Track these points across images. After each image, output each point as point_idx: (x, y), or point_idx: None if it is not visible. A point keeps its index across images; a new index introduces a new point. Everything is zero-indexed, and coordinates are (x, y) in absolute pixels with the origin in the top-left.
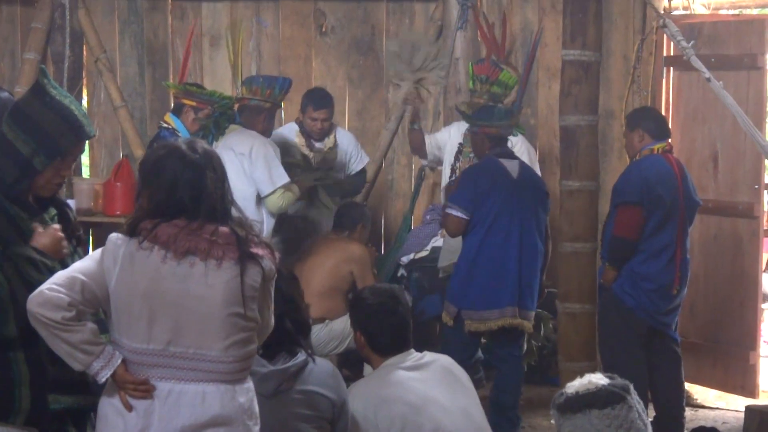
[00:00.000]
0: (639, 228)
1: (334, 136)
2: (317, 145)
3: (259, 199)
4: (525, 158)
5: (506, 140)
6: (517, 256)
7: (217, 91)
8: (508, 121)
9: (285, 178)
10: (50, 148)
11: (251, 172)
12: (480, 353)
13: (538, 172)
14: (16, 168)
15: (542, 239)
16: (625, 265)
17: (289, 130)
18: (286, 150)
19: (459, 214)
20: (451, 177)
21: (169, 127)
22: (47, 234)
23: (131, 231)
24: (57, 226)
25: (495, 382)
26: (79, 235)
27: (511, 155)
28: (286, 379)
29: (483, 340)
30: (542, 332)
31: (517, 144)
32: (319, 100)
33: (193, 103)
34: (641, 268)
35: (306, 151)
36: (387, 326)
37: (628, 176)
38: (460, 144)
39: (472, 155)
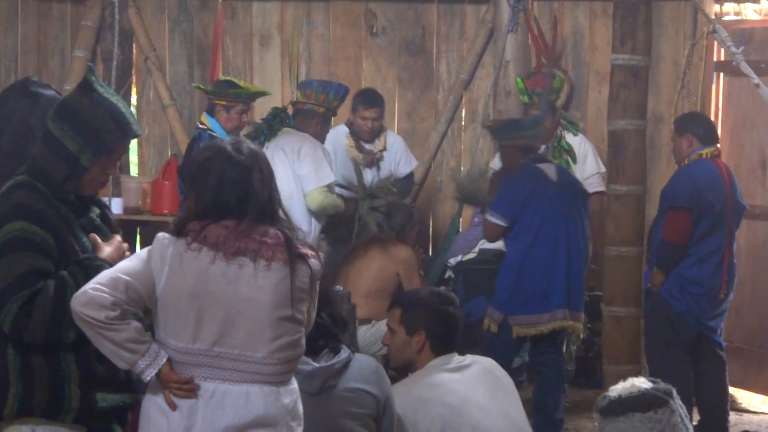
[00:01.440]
0: (688, 232)
1: (385, 139)
2: (367, 146)
3: None
4: (590, 156)
5: (536, 150)
6: (566, 259)
7: (246, 86)
8: (535, 130)
9: (330, 178)
10: (97, 145)
11: (298, 170)
12: (525, 356)
13: (602, 170)
14: (65, 165)
15: (587, 240)
16: (673, 269)
17: (339, 132)
18: (343, 173)
19: (497, 221)
20: None
21: (204, 127)
22: (111, 245)
23: (178, 231)
24: (119, 237)
25: (537, 385)
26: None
27: (546, 159)
28: (331, 376)
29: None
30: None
31: (580, 143)
32: (369, 99)
33: (224, 102)
34: (690, 273)
35: (355, 152)
36: (452, 329)
37: (677, 181)
38: None
39: None
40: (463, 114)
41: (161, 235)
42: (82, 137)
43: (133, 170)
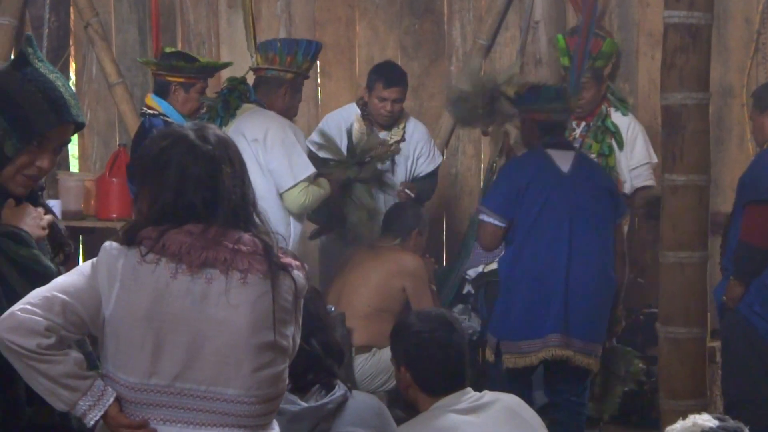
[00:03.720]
0: None
1: (404, 128)
2: (381, 135)
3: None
4: (640, 142)
5: (562, 128)
6: (565, 272)
7: (207, 59)
8: (561, 104)
9: (309, 169)
10: (24, 129)
11: (267, 163)
12: (544, 396)
13: (653, 159)
14: None
15: (606, 254)
16: (754, 279)
17: (349, 113)
18: (329, 142)
19: (491, 219)
20: None
21: (155, 112)
22: (19, 209)
23: (130, 240)
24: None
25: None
26: (69, 252)
27: (567, 145)
28: (322, 419)
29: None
30: (624, 371)
31: (629, 125)
32: (391, 76)
33: (181, 79)
34: None
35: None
36: (438, 361)
37: (759, 168)
38: None
39: (577, 145)
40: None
41: (108, 245)
42: (7, 120)
43: (73, 165)
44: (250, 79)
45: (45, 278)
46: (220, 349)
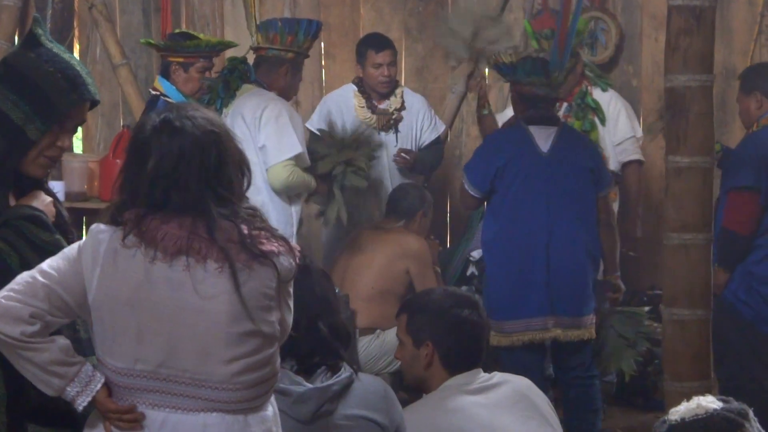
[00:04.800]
0: (754, 219)
1: (402, 96)
2: (381, 106)
3: None
4: (623, 117)
5: (546, 101)
6: (545, 252)
7: (206, 37)
8: (540, 77)
9: (297, 148)
10: (47, 111)
11: (258, 141)
12: (550, 370)
13: (638, 134)
14: (4, 140)
15: (589, 228)
16: (737, 266)
17: (346, 92)
18: (331, 129)
19: (471, 191)
20: None
21: (158, 93)
22: (31, 196)
23: (114, 219)
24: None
25: (564, 410)
26: (72, 239)
27: (550, 120)
28: (327, 401)
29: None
30: (635, 332)
31: (610, 100)
32: (379, 41)
33: (180, 59)
34: (759, 269)
35: (367, 114)
36: (467, 338)
37: (741, 153)
38: None
39: None
40: (487, 70)
41: (96, 228)
42: (28, 102)
43: (77, 146)
44: (251, 59)
45: None
46: (199, 337)
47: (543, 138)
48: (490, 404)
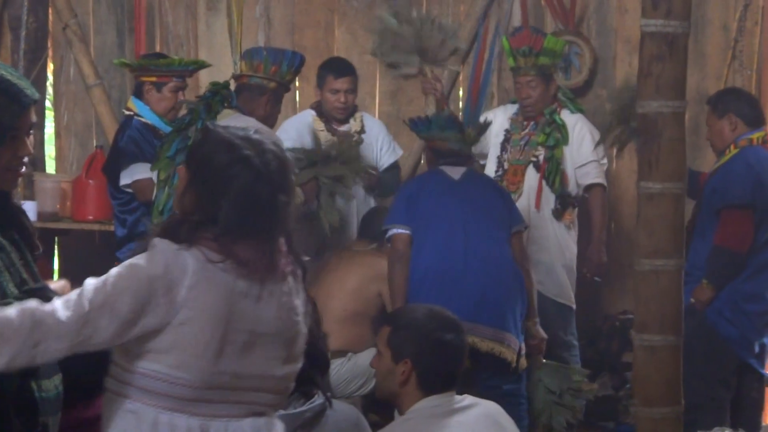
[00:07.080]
0: (749, 236)
1: (361, 120)
2: (340, 129)
3: None
4: (587, 141)
5: (463, 158)
6: (462, 264)
7: (177, 57)
8: (454, 132)
9: None
10: None
11: None
12: None
13: (602, 160)
14: None
15: (504, 246)
16: (727, 284)
17: (304, 117)
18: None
19: (398, 230)
20: (497, 171)
21: (131, 113)
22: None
23: (187, 239)
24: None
25: None
26: (37, 256)
27: (459, 163)
28: (299, 427)
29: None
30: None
31: (576, 124)
32: (339, 67)
33: (153, 78)
34: (745, 287)
35: (328, 137)
36: (447, 360)
37: (733, 173)
38: (506, 131)
39: (523, 142)
40: (460, 93)
41: (163, 242)
42: None
43: (50, 166)
44: (232, 86)
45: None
46: (267, 343)
47: (454, 172)
48: (459, 427)
